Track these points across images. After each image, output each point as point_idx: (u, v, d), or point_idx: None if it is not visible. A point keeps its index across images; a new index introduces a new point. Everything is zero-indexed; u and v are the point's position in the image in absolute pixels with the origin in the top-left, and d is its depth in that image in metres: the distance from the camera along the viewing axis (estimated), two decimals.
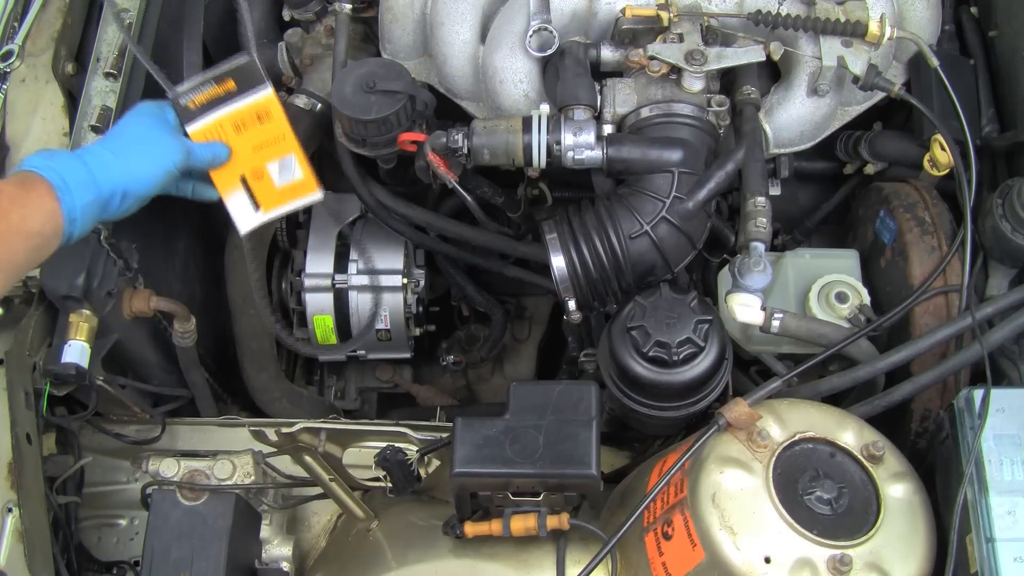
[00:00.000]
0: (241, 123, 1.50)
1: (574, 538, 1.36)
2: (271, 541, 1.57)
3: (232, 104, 1.49)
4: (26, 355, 1.45)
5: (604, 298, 1.53)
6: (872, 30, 1.52)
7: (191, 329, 1.67)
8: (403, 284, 1.94)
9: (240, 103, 1.49)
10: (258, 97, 1.49)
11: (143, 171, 1.39)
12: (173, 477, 1.48)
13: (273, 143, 1.51)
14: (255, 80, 1.49)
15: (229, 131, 1.50)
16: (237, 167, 1.51)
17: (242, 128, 1.50)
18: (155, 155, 1.42)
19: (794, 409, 1.31)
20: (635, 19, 1.53)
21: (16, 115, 1.56)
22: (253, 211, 1.54)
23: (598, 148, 1.49)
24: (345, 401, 2.23)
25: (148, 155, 1.41)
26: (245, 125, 1.51)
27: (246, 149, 1.51)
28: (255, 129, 1.51)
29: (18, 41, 1.58)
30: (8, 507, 1.35)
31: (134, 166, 1.39)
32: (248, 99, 1.49)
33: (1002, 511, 1.22)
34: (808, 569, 1.17)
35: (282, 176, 1.53)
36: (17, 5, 1.60)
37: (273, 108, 1.50)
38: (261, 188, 1.53)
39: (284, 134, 1.51)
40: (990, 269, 1.55)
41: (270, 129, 1.51)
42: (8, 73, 1.57)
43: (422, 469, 1.45)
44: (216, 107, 1.49)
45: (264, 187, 1.53)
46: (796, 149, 1.66)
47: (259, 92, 1.49)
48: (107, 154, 1.37)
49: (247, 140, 1.51)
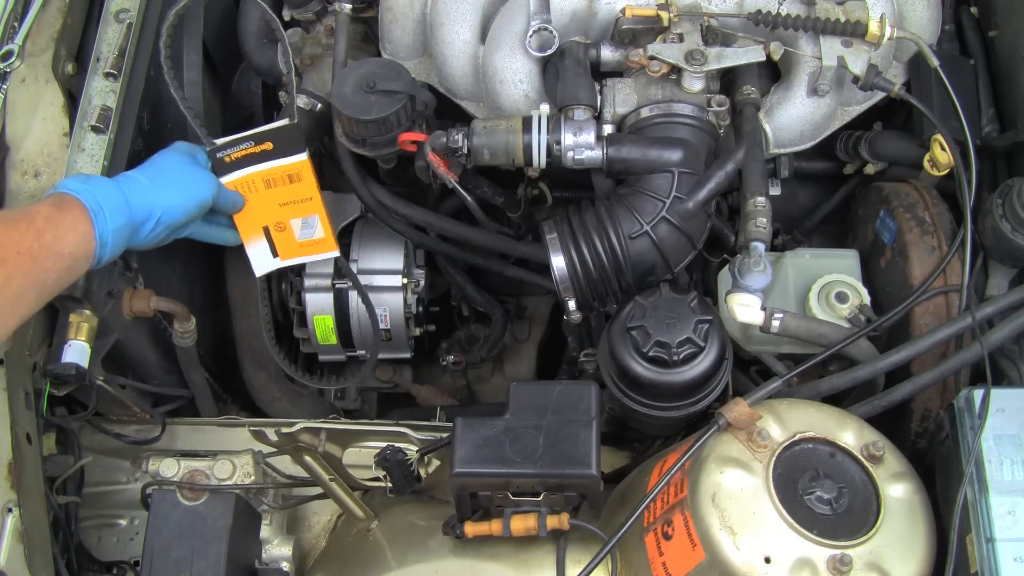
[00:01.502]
0: (272, 180, 1.57)
1: (574, 538, 1.36)
2: (271, 541, 1.57)
3: (266, 163, 1.56)
4: (26, 355, 1.45)
5: (604, 298, 1.53)
6: (872, 30, 1.52)
7: (191, 329, 1.67)
8: (403, 284, 1.94)
9: (274, 163, 1.56)
10: (293, 160, 1.55)
11: (176, 200, 1.45)
12: (173, 477, 1.48)
13: (300, 202, 1.59)
14: (293, 145, 1.55)
15: (259, 185, 1.57)
16: (262, 217, 1.60)
17: (272, 185, 1.57)
18: (189, 186, 1.47)
19: (794, 409, 1.31)
20: (635, 19, 1.53)
21: (16, 115, 1.56)
22: (271, 257, 1.63)
23: (598, 148, 1.49)
24: (345, 401, 2.22)
25: (182, 185, 1.47)
26: (275, 183, 1.57)
27: (273, 203, 1.59)
28: (284, 188, 1.58)
29: (18, 41, 1.58)
30: (8, 507, 1.35)
31: (168, 194, 1.44)
32: (283, 161, 1.55)
33: (1002, 511, 1.22)
34: (808, 569, 1.17)
35: (303, 232, 1.62)
36: (17, 5, 1.60)
37: (305, 172, 1.57)
38: (282, 239, 1.62)
39: (312, 196, 1.59)
40: (990, 269, 1.55)
41: (299, 189, 1.58)
42: (8, 73, 1.57)
43: (422, 469, 1.45)
44: (250, 164, 1.56)
45: (285, 239, 1.62)
46: (796, 149, 1.66)
47: (295, 156, 1.55)
48: (142, 180, 1.42)
49: (275, 196, 1.58)
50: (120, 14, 1.61)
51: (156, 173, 1.45)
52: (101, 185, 1.37)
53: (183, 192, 1.46)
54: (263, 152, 1.55)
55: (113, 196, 1.36)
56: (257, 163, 1.56)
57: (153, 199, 1.41)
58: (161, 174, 1.46)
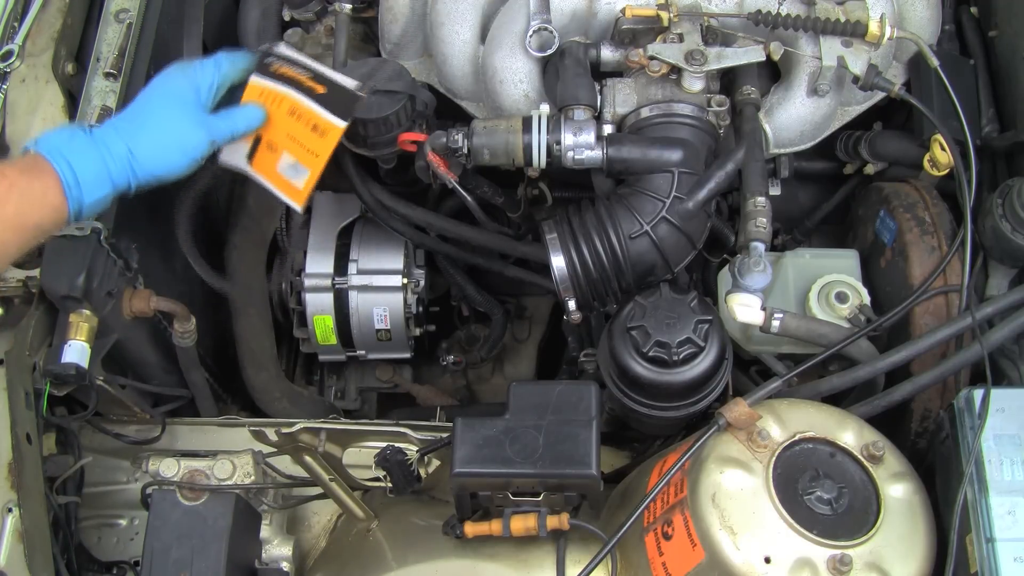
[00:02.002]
0: (299, 115, 1.46)
1: (574, 538, 1.36)
2: (271, 541, 1.57)
3: (307, 100, 1.45)
4: (26, 355, 1.45)
5: (604, 298, 1.53)
6: (872, 30, 1.52)
7: (191, 329, 1.67)
8: (403, 284, 1.94)
9: (314, 107, 1.45)
10: (331, 120, 1.45)
11: (164, 165, 1.34)
12: (173, 477, 1.48)
13: (306, 150, 1.47)
14: (343, 109, 1.45)
15: (284, 108, 1.46)
16: (265, 129, 1.48)
17: (296, 118, 1.46)
18: (179, 147, 1.35)
19: (794, 409, 1.31)
20: (635, 19, 1.53)
21: (16, 115, 1.56)
22: (245, 158, 1.50)
23: (598, 148, 1.49)
24: (345, 401, 2.23)
25: (172, 147, 1.35)
26: (300, 119, 1.46)
27: (283, 129, 1.47)
28: (304, 130, 1.46)
29: (18, 41, 1.58)
30: (8, 507, 1.35)
31: (155, 160, 1.33)
32: (322, 111, 1.45)
33: (1002, 511, 1.22)
34: (808, 569, 1.17)
35: (288, 170, 1.50)
36: (17, 5, 1.60)
37: (332, 136, 1.46)
38: (265, 157, 1.49)
39: (320, 156, 1.47)
40: (990, 269, 1.55)
41: (315, 141, 1.46)
42: (8, 73, 1.57)
43: (422, 469, 1.45)
44: (292, 87, 1.46)
45: (268, 159, 1.50)
46: (796, 149, 1.66)
47: (335, 119, 1.45)
48: (124, 147, 1.30)
49: (290, 126, 1.47)
50: (120, 14, 1.61)
51: (143, 137, 1.32)
52: (81, 151, 1.26)
53: (171, 156, 1.34)
54: (311, 89, 1.45)
55: (93, 166, 1.25)
56: (299, 92, 1.45)
57: (137, 167, 1.31)
58: (149, 137, 1.33)
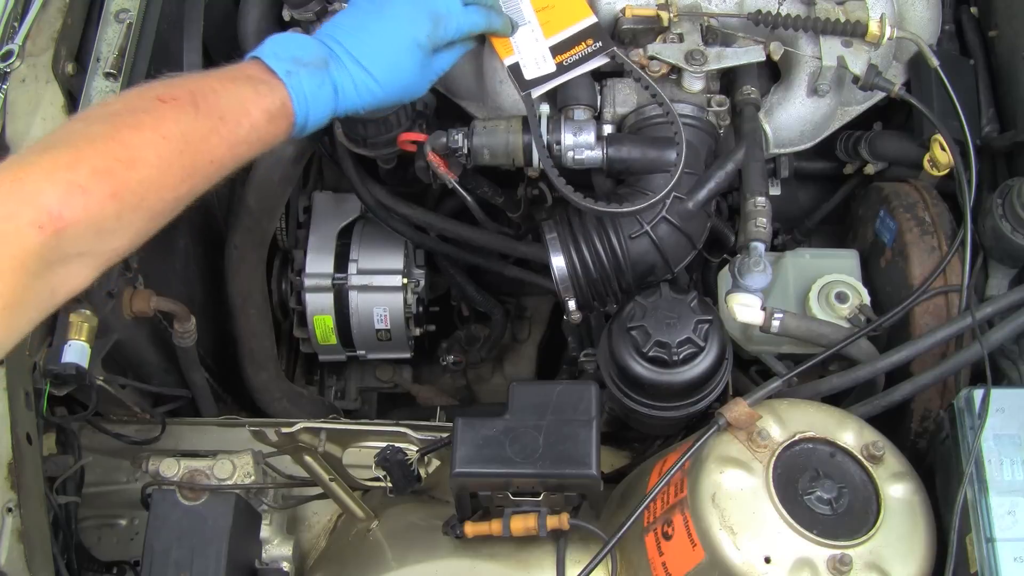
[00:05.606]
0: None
1: (574, 538, 1.36)
2: (271, 541, 1.57)
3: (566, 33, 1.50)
4: (26, 355, 1.45)
5: (604, 298, 1.53)
6: (872, 30, 1.52)
7: (191, 329, 1.67)
8: (403, 284, 1.94)
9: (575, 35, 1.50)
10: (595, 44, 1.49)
11: (392, 99, 1.31)
12: (173, 477, 1.47)
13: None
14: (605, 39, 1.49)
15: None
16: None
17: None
18: (411, 86, 1.32)
19: (794, 409, 1.31)
20: (635, 19, 1.53)
21: (16, 115, 1.56)
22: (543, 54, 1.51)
23: (598, 148, 1.49)
24: (345, 401, 2.23)
25: (405, 89, 1.32)
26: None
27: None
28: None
29: (18, 41, 1.58)
30: (8, 507, 1.35)
31: (384, 96, 1.29)
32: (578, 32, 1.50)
33: (1002, 511, 1.22)
34: (808, 569, 1.17)
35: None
36: (17, 5, 1.60)
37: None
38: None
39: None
40: (990, 269, 1.55)
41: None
42: (8, 73, 1.57)
43: (422, 469, 1.45)
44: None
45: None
46: (796, 149, 1.66)
47: (597, 50, 1.49)
48: (367, 80, 1.26)
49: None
50: (120, 14, 1.61)
51: (380, 70, 1.26)
52: (314, 91, 1.20)
53: (401, 93, 1.31)
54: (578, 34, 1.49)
55: (323, 92, 1.21)
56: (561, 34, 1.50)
57: (367, 100, 1.26)
58: (386, 72, 1.27)
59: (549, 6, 1.52)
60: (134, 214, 1.02)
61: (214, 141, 1.09)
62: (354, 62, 1.26)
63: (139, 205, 1.02)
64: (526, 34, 1.51)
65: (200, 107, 1.09)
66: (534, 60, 1.50)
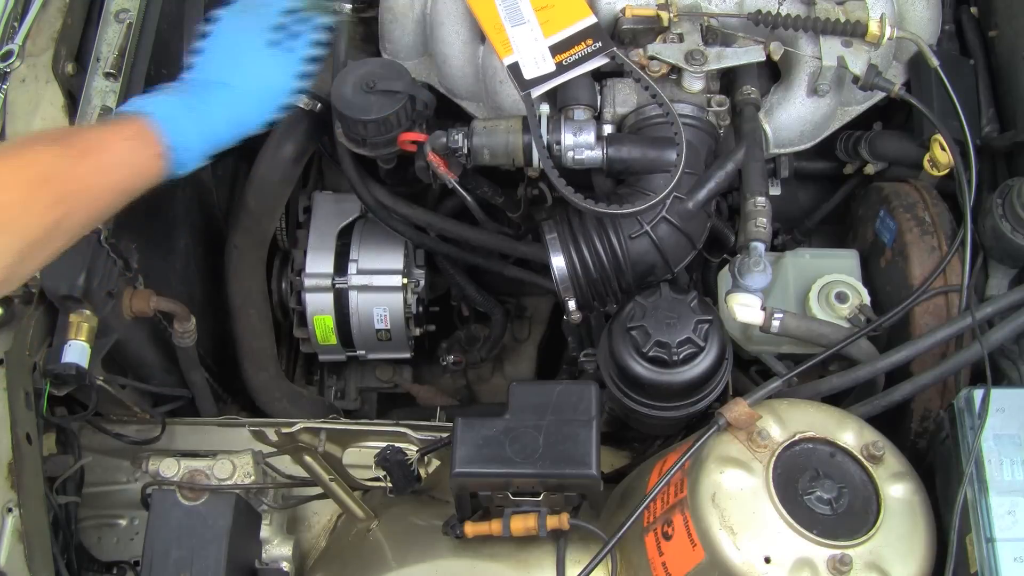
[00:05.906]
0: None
1: (574, 538, 1.36)
2: (271, 541, 1.57)
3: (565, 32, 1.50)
4: (26, 355, 1.45)
5: (604, 298, 1.53)
6: (872, 30, 1.52)
7: (191, 329, 1.67)
8: (403, 284, 1.94)
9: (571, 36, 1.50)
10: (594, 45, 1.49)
11: (256, 124, 1.35)
12: (173, 477, 1.48)
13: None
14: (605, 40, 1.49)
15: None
16: None
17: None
18: (272, 97, 1.35)
19: (794, 409, 1.31)
20: (635, 19, 1.53)
21: (16, 115, 1.56)
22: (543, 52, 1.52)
23: (598, 148, 1.49)
24: (345, 401, 2.22)
25: (264, 100, 1.35)
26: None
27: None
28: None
29: (18, 41, 1.58)
30: (8, 507, 1.35)
31: (248, 125, 1.33)
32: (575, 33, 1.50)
33: (1002, 511, 1.22)
34: (808, 569, 1.17)
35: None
36: (17, 5, 1.60)
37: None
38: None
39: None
40: (990, 269, 1.55)
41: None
42: (8, 73, 1.57)
43: (422, 469, 1.45)
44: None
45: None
46: (796, 149, 1.66)
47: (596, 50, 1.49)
48: (225, 126, 1.31)
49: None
50: (120, 14, 1.61)
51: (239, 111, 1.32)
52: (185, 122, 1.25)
53: (264, 116, 1.34)
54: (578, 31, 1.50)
55: (198, 140, 1.26)
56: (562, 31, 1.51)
57: (234, 132, 1.31)
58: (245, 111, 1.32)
59: (548, 6, 1.52)
60: (2, 236, 1.04)
61: (80, 171, 1.13)
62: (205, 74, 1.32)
63: (5, 228, 1.03)
64: (525, 33, 1.51)
65: (62, 142, 1.15)
66: (533, 60, 1.50)
